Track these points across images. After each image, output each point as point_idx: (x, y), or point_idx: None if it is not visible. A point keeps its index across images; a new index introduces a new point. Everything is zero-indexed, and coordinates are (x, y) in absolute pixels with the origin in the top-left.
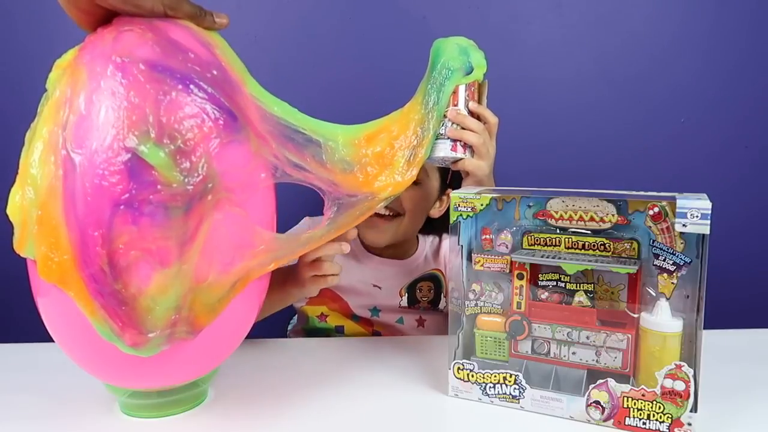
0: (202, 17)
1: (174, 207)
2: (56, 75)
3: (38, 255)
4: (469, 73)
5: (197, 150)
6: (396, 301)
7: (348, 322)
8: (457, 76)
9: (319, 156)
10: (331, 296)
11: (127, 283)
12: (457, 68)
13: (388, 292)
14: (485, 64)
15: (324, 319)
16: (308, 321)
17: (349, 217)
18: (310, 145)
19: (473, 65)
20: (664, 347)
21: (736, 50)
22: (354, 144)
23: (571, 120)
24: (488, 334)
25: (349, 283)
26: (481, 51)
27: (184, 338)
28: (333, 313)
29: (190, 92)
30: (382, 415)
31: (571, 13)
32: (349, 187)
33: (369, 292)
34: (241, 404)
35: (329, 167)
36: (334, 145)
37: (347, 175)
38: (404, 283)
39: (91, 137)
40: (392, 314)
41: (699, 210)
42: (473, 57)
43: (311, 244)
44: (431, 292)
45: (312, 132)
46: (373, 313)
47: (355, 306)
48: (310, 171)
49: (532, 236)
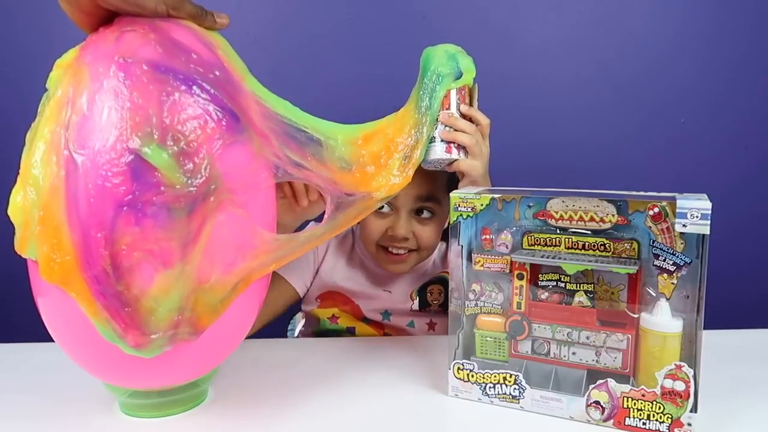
0: (204, 17)
1: (177, 208)
2: (57, 74)
3: (40, 256)
4: (459, 78)
5: (200, 151)
6: (407, 304)
7: (359, 324)
8: (447, 81)
9: (320, 154)
10: (342, 299)
11: (129, 285)
12: (447, 74)
13: (399, 296)
14: (474, 68)
15: (335, 321)
16: (319, 323)
17: (347, 216)
18: (311, 144)
19: (462, 70)
20: (664, 347)
21: (737, 51)
22: (352, 143)
23: (571, 120)
24: (488, 334)
25: (359, 288)
26: (470, 57)
27: (186, 339)
28: (344, 314)
29: (193, 93)
30: (382, 415)
31: (572, 13)
32: (348, 185)
33: (379, 295)
34: (241, 404)
35: (329, 165)
36: (334, 144)
37: (346, 174)
38: (414, 287)
39: (93, 138)
40: (403, 317)
41: (699, 210)
42: (462, 62)
43: (311, 243)
44: (441, 296)
45: (313, 130)
46: (384, 316)
47: (366, 309)
48: (310, 170)
49: (532, 236)
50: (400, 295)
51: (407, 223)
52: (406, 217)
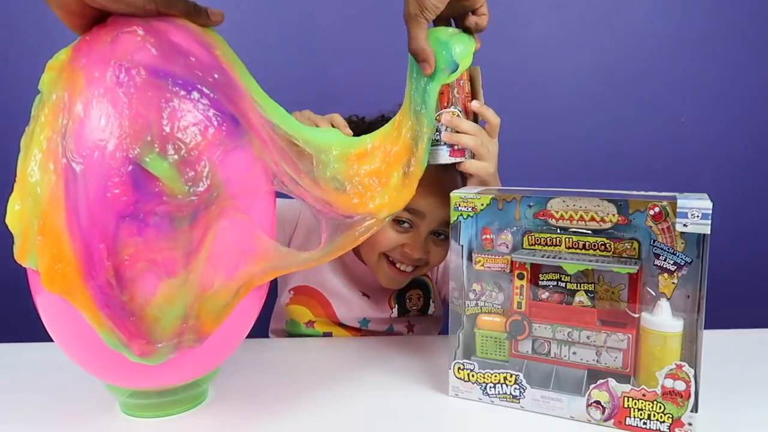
0: (197, 14)
1: (179, 218)
2: (50, 77)
3: (41, 266)
4: (455, 71)
5: (201, 159)
6: (387, 313)
7: (336, 329)
8: (440, 77)
9: (312, 173)
10: (318, 298)
11: (133, 294)
12: (440, 69)
13: (378, 302)
14: (469, 52)
15: (312, 326)
16: (293, 324)
17: (347, 238)
18: (303, 159)
19: (456, 60)
20: (664, 347)
21: (738, 50)
22: (346, 159)
23: (571, 120)
24: (489, 334)
25: (336, 287)
26: (467, 38)
27: (191, 346)
28: (319, 319)
29: (192, 99)
30: (382, 415)
31: (572, 12)
32: (344, 208)
33: (357, 302)
34: (241, 404)
35: (322, 186)
36: (326, 159)
37: (340, 194)
38: (393, 293)
39: (92, 146)
40: (382, 324)
41: (700, 210)
42: (455, 50)
43: (307, 264)
44: (420, 300)
45: (305, 143)
46: (363, 324)
47: (342, 317)
48: (304, 188)
49: (533, 236)
50: (379, 302)
51: (426, 243)
52: (425, 238)
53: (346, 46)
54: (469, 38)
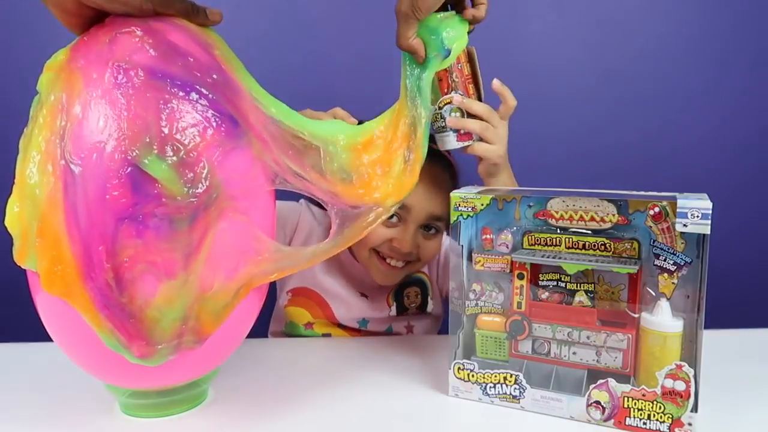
0: (196, 14)
1: (179, 219)
2: (48, 78)
3: (41, 268)
4: (447, 56)
5: (200, 160)
6: (385, 312)
7: (335, 330)
8: (433, 65)
9: (318, 165)
10: (316, 299)
11: (133, 296)
12: (432, 56)
13: (376, 302)
14: (461, 36)
15: (311, 327)
16: (292, 326)
17: (354, 229)
18: (309, 152)
19: (447, 46)
20: (664, 347)
21: (738, 50)
22: (353, 148)
23: (571, 119)
24: (488, 334)
25: (334, 288)
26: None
27: (190, 347)
28: (318, 320)
29: (191, 100)
30: (382, 415)
31: (573, 13)
32: (351, 198)
33: (356, 302)
34: (241, 404)
35: (329, 178)
36: (334, 150)
37: (347, 185)
38: (391, 291)
39: (90, 148)
40: (381, 324)
41: (700, 210)
42: (446, 36)
43: (317, 258)
44: (418, 297)
45: (311, 136)
46: (362, 324)
47: (341, 318)
48: (310, 181)
49: (533, 236)
50: (378, 302)
51: (414, 237)
52: (414, 232)
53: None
54: (460, 20)
